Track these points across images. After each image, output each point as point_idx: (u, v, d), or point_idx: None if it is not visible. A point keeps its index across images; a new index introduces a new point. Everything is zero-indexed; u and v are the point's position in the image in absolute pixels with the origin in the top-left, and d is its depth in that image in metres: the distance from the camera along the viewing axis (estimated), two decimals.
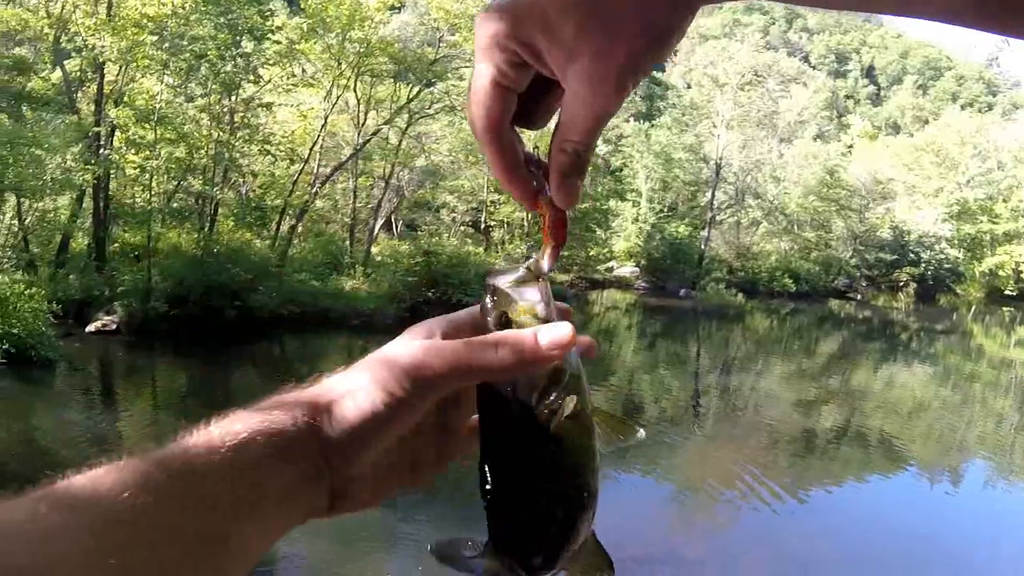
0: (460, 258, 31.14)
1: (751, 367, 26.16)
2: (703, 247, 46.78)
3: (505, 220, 39.98)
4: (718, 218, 49.30)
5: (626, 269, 45.50)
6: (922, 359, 31.13)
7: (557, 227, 0.77)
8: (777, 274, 49.25)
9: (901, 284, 55.56)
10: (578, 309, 36.38)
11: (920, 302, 53.45)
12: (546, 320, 0.75)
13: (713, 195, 47.81)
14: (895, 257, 55.15)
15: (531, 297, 0.76)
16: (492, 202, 39.41)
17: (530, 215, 40.56)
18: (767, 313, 42.96)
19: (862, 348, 33.62)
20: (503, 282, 0.77)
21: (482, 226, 40.00)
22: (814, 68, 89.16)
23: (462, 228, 40.54)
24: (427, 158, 36.66)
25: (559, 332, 0.72)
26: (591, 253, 42.43)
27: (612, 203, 44.75)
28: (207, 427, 0.65)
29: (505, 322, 0.75)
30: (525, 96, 0.72)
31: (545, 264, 0.77)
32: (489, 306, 0.77)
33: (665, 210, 47.92)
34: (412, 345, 0.72)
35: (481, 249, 35.97)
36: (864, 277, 55.06)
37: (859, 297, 53.01)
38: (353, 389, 0.69)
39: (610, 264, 45.34)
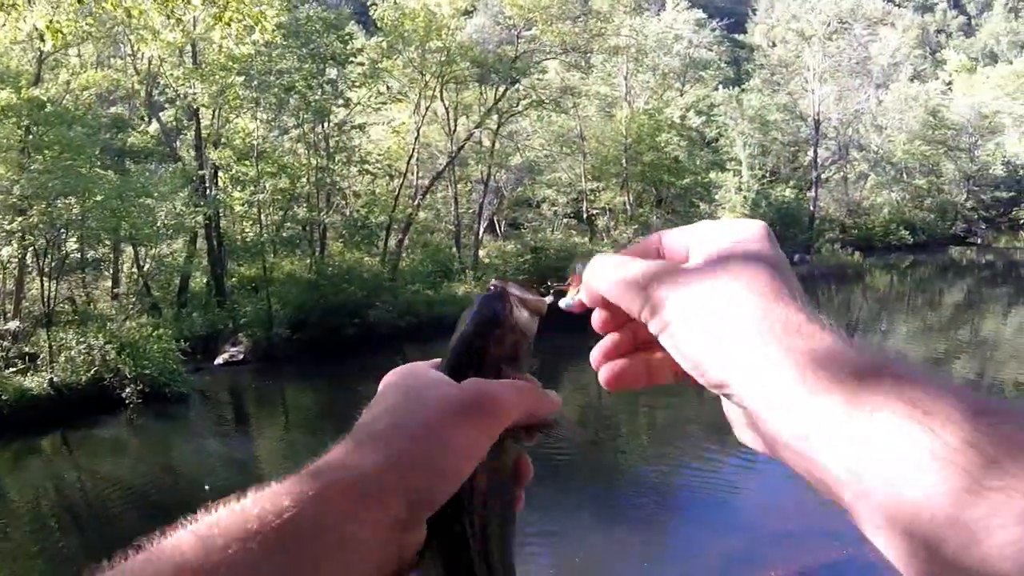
0: (567, 251, 31.10)
1: (876, 327, 25.74)
2: (812, 208, 45.20)
3: (607, 206, 39.81)
4: (823, 176, 47.75)
5: None
6: None
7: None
8: (892, 227, 48.34)
9: (1022, 222, 53.33)
10: None
11: None
12: (515, 357, 0.78)
13: (815, 153, 45.92)
14: (1012, 194, 52.94)
15: (528, 328, 0.80)
16: (591, 191, 39.30)
17: (632, 199, 40.42)
18: (886, 269, 42.15)
19: (989, 295, 32.67)
20: (515, 291, 0.81)
21: (584, 216, 39.92)
22: (899, 6, 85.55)
23: (565, 220, 40.44)
24: (522, 155, 36.89)
25: (557, 398, 0.78)
26: None
27: (712, 175, 44.06)
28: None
29: (494, 320, 0.78)
30: None
31: (557, 303, 0.79)
32: (495, 298, 0.80)
33: (767, 175, 46.31)
34: (464, 381, 0.73)
35: (587, 239, 35.88)
36: (982, 219, 52.86)
37: (980, 241, 51.54)
38: (431, 423, 0.69)
39: None
